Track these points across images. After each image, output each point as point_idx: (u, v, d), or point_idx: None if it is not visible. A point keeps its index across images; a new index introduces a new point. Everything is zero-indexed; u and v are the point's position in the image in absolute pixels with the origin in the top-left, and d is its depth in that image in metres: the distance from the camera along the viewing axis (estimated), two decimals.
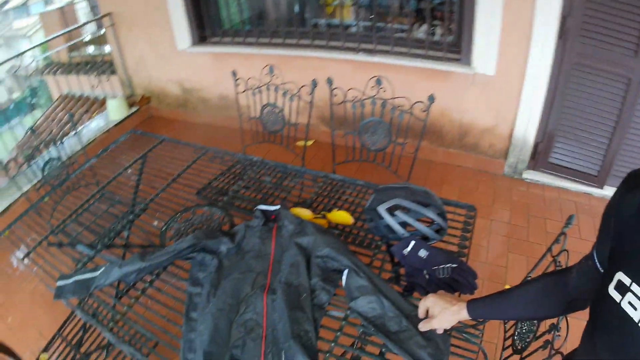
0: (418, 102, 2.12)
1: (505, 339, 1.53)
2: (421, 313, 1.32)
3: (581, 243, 2.82)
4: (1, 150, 3.93)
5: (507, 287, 2.54)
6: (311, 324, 1.37)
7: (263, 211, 1.75)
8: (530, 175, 3.37)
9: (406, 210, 1.60)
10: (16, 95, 5.76)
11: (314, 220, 1.80)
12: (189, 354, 1.35)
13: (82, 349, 2.07)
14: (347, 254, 1.52)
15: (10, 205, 3.65)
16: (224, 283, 1.52)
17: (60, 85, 5.50)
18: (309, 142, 2.58)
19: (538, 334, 1.30)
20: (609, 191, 3.12)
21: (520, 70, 2.97)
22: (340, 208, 1.92)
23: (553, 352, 1.17)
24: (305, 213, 1.85)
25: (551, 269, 1.41)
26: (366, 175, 2.09)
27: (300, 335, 1.33)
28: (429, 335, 1.31)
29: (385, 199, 1.62)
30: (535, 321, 1.35)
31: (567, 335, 1.16)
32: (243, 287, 1.49)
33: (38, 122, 5.14)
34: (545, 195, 3.27)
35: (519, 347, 1.38)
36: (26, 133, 2.64)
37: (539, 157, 3.29)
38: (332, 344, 1.39)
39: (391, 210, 1.61)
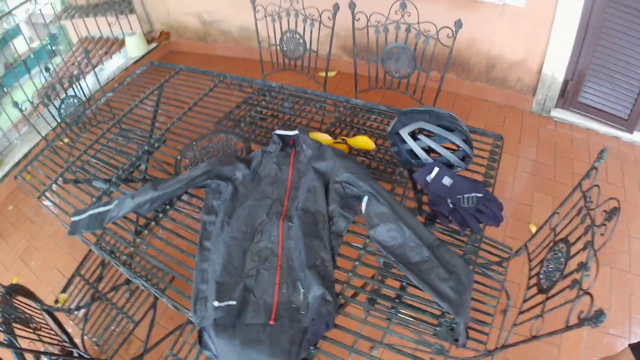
0: (445, 27, 2.00)
1: (530, 277, 1.46)
2: None
3: (608, 187, 2.71)
4: (22, 100, 3.88)
5: (532, 226, 2.51)
6: (328, 252, 1.30)
7: (281, 136, 1.66)
8: (559, 114, 3.22)
9: (430, 134, 1.50)
10: (36, 44, 5.62)
11: (334, 145, 1.71)
12: (202, 285, 1.30)
13: (101, 287, 2.07)
14: (368, 179, 1.43)
15: (30, 150, 3.66)
16: (238, 211, 1.45)
17: (79, 28, 5.37)
18: (332, 73, 2.47)
19: (565, 272, 1.22)
20: (638, 137, 3.02)
21: (552, 2, 2.78)
22: (362, 134, 1.82)
23: (581, 292, 1.08)
24: (324, 138, 1.75)
25: (581, 204, 1.33)
26: (390, 104, 1.98)
27: (316, 264, 1.27)
28: (452, 267, 1.24)
29: (409, 122, 1.52)
30: (562, 259, 1.27)
31: (596, 275, 1.07)
32: (258, 215, 1.43)
33: (58, 68, 5.06)
34: (574, 135, 3.14)
35: (545, 287, 1.30)
36: (46, 79, 2.56)
37: (568, 95, 3.12)
38: (350, 274, 1.33)
39: (414, 135, 1.51)
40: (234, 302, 1.20)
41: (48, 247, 3.03)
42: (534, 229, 2.53)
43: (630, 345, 1.09)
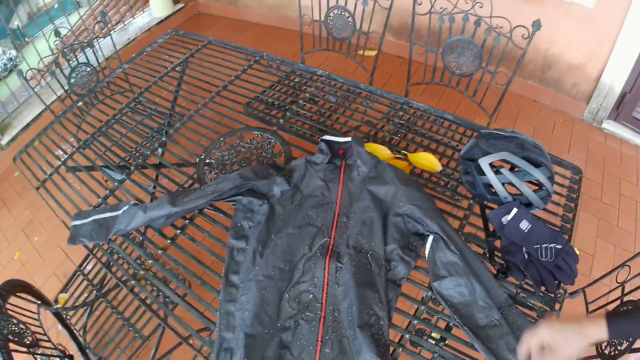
0: (520, 26, 1.75)
1: None
2: (524, 354, 0.94)
3: None
4: (34, 57, 3.62)
5: (576, 249, 2.28)
6: (384, 307, 1.06)
7: (329, 143, 1.39)
8: (610, 126, 3.00)
9: (514, 168, 1.23)
10: None
11: (393, 161, 1.44)
12: (227, 333, 1.06)
13: (105, 289, 1.86)
14: (437, 217, 1.16)
15: (41, 113, 3.43)
16: (275, 239, 1.21)
17: None
18: (372, 52, 2.19)
19: (636, 346, 1.05)
20: None
21: (624, 8, 2.52)
22: (424, 147, 1.55)
23: None
24: (382, 151, 1.47)
25: None
26: (437, 100, 1.73)
27: (369, 323, 1.03)
28: (522, 335, 1.00)
29: (490, 150, 1.24)
30: None
31: None
32: (299, 247, 1.18)
33: (76, 24, 4.78)
34: (623, 151, 2.92)
35: (608, 353, 1.14)
36: (62, 36, 2.29)
37: (623, 108, 2.89)
38: (406, 335, 1.08)
39: (494, 165, 1.25)
40: None
41: (53, 222, 2.83)
42: (577, 252, 2.32)
43: (606, 312, 0.88)
